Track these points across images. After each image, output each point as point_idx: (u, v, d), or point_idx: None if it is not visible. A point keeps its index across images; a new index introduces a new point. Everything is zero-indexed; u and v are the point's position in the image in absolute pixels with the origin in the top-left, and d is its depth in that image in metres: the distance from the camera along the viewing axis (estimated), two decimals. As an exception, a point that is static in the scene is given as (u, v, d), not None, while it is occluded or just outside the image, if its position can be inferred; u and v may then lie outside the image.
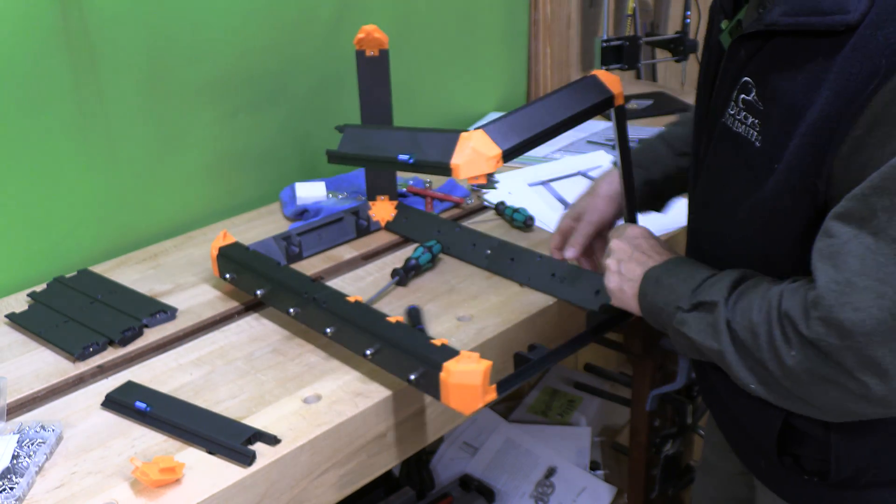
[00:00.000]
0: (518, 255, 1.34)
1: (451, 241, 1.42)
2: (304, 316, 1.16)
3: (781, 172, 0.85)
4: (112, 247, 1.47)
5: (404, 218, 1.52)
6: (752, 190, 0.89)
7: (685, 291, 0.96)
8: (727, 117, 0.93)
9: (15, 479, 0.91)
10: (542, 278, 1.30)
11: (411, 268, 1.31)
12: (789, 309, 0.83)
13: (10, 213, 1.34)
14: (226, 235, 1.32)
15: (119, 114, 1.42)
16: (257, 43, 1.58)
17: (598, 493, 1.81)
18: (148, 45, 1.43)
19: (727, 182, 0.95)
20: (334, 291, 1.16)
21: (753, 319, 0.87)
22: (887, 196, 0.76)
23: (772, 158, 0.86)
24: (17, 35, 1.27)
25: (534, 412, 2.06)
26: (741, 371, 0.89)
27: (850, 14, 0.78)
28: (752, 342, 0.87)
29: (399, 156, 1.00)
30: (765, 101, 0.87)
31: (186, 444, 0.98)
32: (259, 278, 1.23)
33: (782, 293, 0.85)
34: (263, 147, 1.66)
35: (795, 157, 0.83)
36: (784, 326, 0.84)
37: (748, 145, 0.89)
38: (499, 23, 2.07)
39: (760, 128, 0.87)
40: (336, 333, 1.11)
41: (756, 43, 0.88)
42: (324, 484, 1.02)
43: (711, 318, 0.92)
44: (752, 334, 0.87)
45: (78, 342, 1.16)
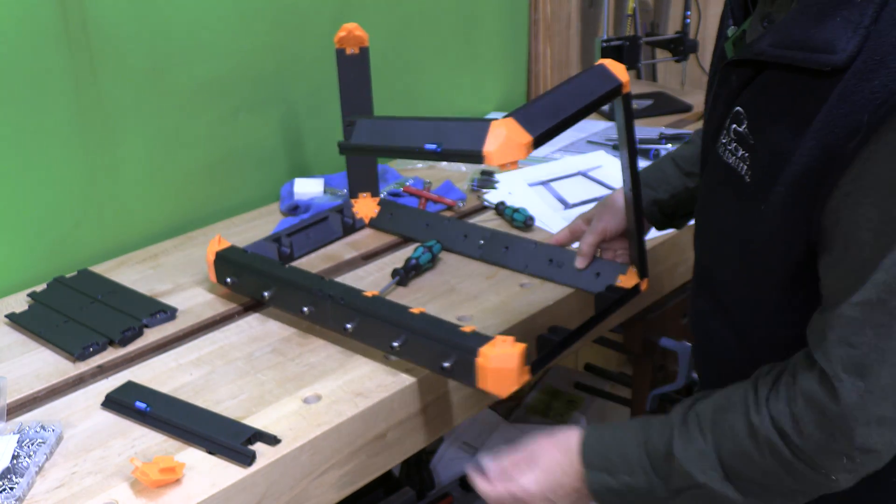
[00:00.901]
0: (512, 243, 1.35)
1: (441, 233, 1.42)
2: (319, 314, 1.15)
3: (767, 216, 0.82)
4: (112, 247, 1.47)
5: (389, 214, 1.51)
6: (740, 226, 0.87)
7: (647, 484, 0.90)
8: (720, 146, 0.90)
9: (15, 479, 0.91)
10: (539, 264, 1.32)
11: (411, 268, 1.31)
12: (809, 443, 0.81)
13: (9, 213, 1.34)
14: (220, 240, 1.30)
15: (119, 114, 1.42)
16: (257, 43, 1.58)
17: (598, 493, 1.81)
18: (148, 45, 1.43)
19: (719, 212, 0.92)
20: (349, 287, 1.15)
21: (762, 464, 0.84)
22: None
23: (758, 199, 0.83)
24: (17, 35, 1.27)
25: (534, 412, 2.05)
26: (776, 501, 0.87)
27: (838, 55, 0.74)
28: (773, 481, 0.85)
29: (426, 145, 0.99)
30: (755, 136, 0.83)
31: (186, 444, 0.98)
32: (264, 279, 1.21)
33: (780, 429, 0.82)
34: (263, 147, 1.66)
35: (781, 203, 0.80)
36: (810, 459, 0.82)
37: (738, 178, 0.86)
38: (499, 23, 2.07)
39: (750, 162, 0.84)
40: (357, 329, 1.11)
41: (747, 71, 0.85)
42: (324, 484, 1.02)
43: (703, 492, 0.87)
44: (770, 475, 0.84)
45: (78, 342, 1.16)
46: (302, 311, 1.16)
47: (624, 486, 0.91)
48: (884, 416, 0.78)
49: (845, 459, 0.80)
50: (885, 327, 0.76)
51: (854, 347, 0.77)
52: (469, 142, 0.96)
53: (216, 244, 1.29)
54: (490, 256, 1.37)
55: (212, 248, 1.29)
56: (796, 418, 0.81)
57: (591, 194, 1.64)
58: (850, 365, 0.78)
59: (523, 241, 1.35)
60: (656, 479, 0.89)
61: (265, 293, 1.21)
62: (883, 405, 0.77)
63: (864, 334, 0.77)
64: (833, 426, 0.79)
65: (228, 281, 1.26)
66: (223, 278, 1.28)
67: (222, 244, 1.29)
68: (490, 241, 1.38)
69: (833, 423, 0.79)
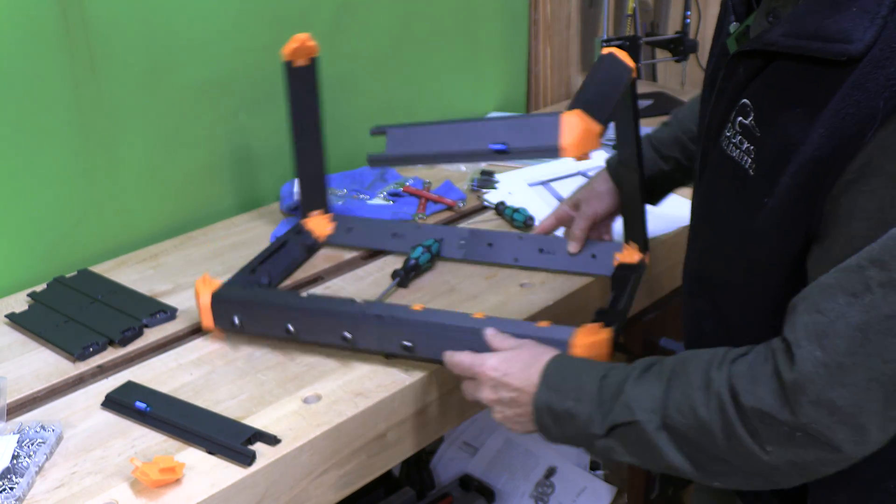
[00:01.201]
0: (495, 238, 1.35)
1: (416, 239, 1.38)
2: (363, 337, 1.10)
3: (771, 209, 0.81)
4: (112, 247, 1.47)
5: (346, 229, 1.44)
6: (742, 221, 0.86)
7: (588, 414, 0.87)
8: (724, 139, 0.89)
9: (15, 479, 0.91)
10: (530, 255, 1.32)
11: (411, 268, 1.30)
12: (758, 403, 0.78)
13: (9, 212, 1.34)
14: (208, 279, 1.18)
15: (119, 114, 1.42)
16: (257, 43, 1.58)
17: (598, 493, 1.81)
18: (148, 44, 1.43)
19: (720, 207, 0.92)
20: (389, 304, 1.11)
21: (701, 416, 0.81)
22: (884, 270, 0.72)
23: (763, 192, 0.82)
24: (17, 35, 1.27)
25: (534, 412, 2.05)
26: (695, 473, 0.84)
27: (854, 44, 0.73)
28: (706, 440, 0.81)
29: (491, 145, 0.98)
30: (762, 128, 0.82)
31: (186, 444, 0.98)
32: (287, 312, 1.12)
33: (732, 384, 0.80)
34: (263, 147, 1.66)
35: (786, 195, 0.79)
36: (751, 422, 0.78)
37: (742, 172, 0.85)
38: (499, 23, 2.07)
39: (755, 155, 0.83)
40: (416, 345, 1.07)
41: (756, 63, 0.84)
42: (324, 484, 1.02)
43: (638, 435, 0.85)
44: (704, 432, 0.81)
45: (78, 342, 1.16)
46: (343, 336, 1.10)
47: (564, 412, 0.89)
48: (834, 403, 0.74)
49: (787, 430, 0.77)
50: (857, 297, 0.73)
51: (821, 314, 0.75)
52: (541, 137, 0.96)
53: (204, 285, 1.17)
54: (474, 255, 1.35)
55: (201, 290, 1.16)
56: (755, 377, 0.78)
57: (591, 194, 1.63)
58: (812, 332, 0.75)
59: (507, 234, 1.34)
60: (598, 412, 0.87)
61: (289, 326, 1.12)
62: (837, 390, 0.74)
63: (835, 300, 0.74)
64: (784, 394, 0.76)
65: (236, 321, 1.15)
66: (226, 320, 1.16)
67: (212, 284, 1.17)
68: (471, 240, 1.37)
69: (784, 390, 0.76)
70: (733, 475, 0.82)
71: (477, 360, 0.98)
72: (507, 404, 0.95)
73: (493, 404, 0.97)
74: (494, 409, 0.97)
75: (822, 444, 0.76)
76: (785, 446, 0.78)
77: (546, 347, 0.98)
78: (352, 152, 1.78)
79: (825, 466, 0.79)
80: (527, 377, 0.93)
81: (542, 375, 0.92)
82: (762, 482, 0.83)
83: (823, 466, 0.79)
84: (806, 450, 0.77)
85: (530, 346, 0.99)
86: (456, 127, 1.02)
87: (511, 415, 0.96)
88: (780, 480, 0.81)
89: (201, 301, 1.16)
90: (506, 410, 0.96)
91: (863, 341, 0.73)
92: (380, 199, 1.63)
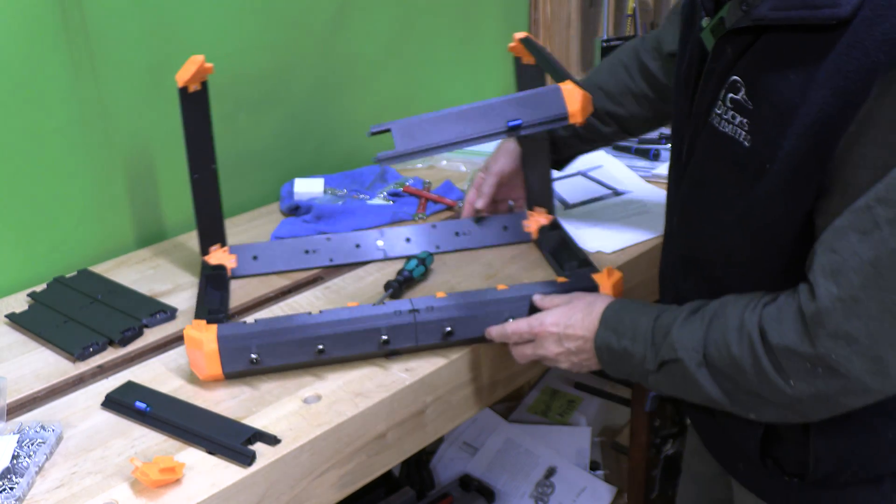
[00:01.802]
0: (412, 233, 1.40)
1: (331, 253, 1.37)
2: (401, 337, 1.09)
3: (776, 173, 0.84)
4: (112, 247, 1.47)
5: (251, 257, 1.36)
6: (742, 192, 0.88)
7: (643, 353, 0.96)
8: (714, 117, 0.91)
9: (15, 479, 0.91)
10: (448, 239, 1.40)
11: (405, 280, 1.29)
12: (782, 340, 0.84)
13: (10, 213, 1.34)
14: (200, 324, 1.07)
15: (118, 114, 1.42)
16: (257, 42, 1.58)
17: (598, 493, 1.81)
18: (148, 44, 1.43)
19: (714, 184, 0.93)
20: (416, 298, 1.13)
21: (734, 353, 0.88)
22: (891, 207, 0.76)
23: (763, 159, 0.85)
24: (17, 35, 1.27)
25: (534, 412, 2.06)
26: (732, 406, 0.91)
27: (842, 7, 0.77)
28: (738, 375, 0.88)
29: (509, 122, 1.04)
30: (754, 100, 0.86)
31: (186, 444, 0.98)
32: (316, 331, 1.07)
33: (762, 324, 0.86)
34: (263, 147, 1.66)
35: (793, 156, 0.82)
36: (776, 358, 0.85)
37: (736, 146, 0.88)
38: (499, 23, 2.07)
39: (750, 127, 0.86)
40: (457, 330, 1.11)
41: (744, 39, 0.87)
42: (324, 484, 1.02)
43: (681, 372, 0.93)
44: (736, 368, 0.88)
45: (78, 342, 1.16)
46: (381, 342, 1.08)
47: (622, 350, 0.98)
48: (850, 334, 0.80)
49: (809, 365, 0.83)
50: (867, 234, 0.78)
51: (835, 252, 0.80)
52: (548, 109, 1.05)
53: (197, 331, 1.06)
54: (395, 252, 1.39)
55: (200, 337, 1.05)
56: (782, 317, 0.85)
57: (591, 194, 1.64)
58: (828, 270, 0.81)
59: (421, 227, 1.40)
60: (651, 350, 0.95)
61: (320, 346, 1.07)
62: (853, 322, 0.79)
63: (847, 239, 0.79)
64: (804, 326, 0.82)
65: (253, 357, 1.05)
66: (239, 362, 1.06)
67: (208, 328, 1.06)
68: (388, 239, 1.39)
69: (805, 323, 0.82)
70: (764, 408, 0.89)
71: (535, 322, 1.06)
72: (574, 353, 1.04)
73: (559, 356, 1.05)
74: (560, 359, 1.06)
75: (842, 375, 0.81)
76: (806, 380, 0.84)
77: (595, 295, 1.08)
78: (352, 152, 1.78)
79: (847, 398, 0.84)
80: (589, 324, 1.02)
81: (601, 318, 1.01)
82: (792, 415, 0.89)
83: (845, 398, 0.84)
84: (826, 382, 0.83)
85: (580, 296, 1.08)
86: (460, 112, 1.05)
87: (577, 361, 1.05)
88: (808, 413, 0.88)
89: (206, 349, 1.04)
90: (573, 358, 1.05)
91: (875, 276, 0.78)
92: (380, 199, 1.63)
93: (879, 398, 0.84)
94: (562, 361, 1.06)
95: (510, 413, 2.05)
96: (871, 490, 0.95)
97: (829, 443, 0.93)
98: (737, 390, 0.89)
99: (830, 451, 0.93)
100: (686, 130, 1.00)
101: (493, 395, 1.22)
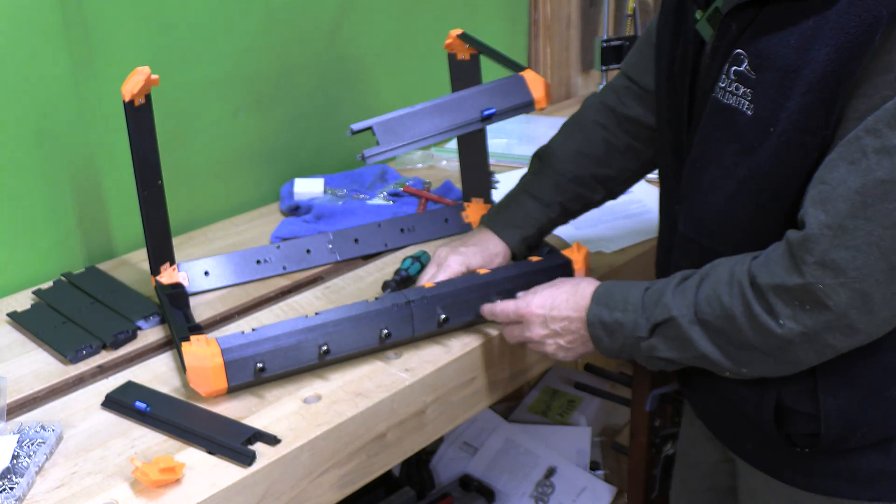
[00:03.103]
0: (360, 234, 1.42)
1: (283, 261, 1.37)
2: (400, 328, 1.10)
3: (779, 134, 0.87)
4: (113, 247, 1.47)
5: (204, 272, 1.33)
6: (745, 159, 0.91)
7: (634, 320, 0.98)
8: (717, 91, 0.94)
9: (15, 479, 0.91)
10: (395, 237, 1.44)
11: (402, 280, 1.30)
12: (771, 279, 0.86)
13: (13, 212, 1.34)
14: (202, 339, 1.04)
15: (119, 114, 1.42)
16: (258, 42, 1.58)
17: (598, 493, 1.81)
18: (148, 44, 1.43)
19: (717, 156, 0.95)
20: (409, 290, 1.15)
21: (725, 303, 0.90)
22: (878, 137, 0.79)
23: (766, 123, 0.88)
24: (17, 35, 1.27)
25: (534, 412, 2.05)
26: (725, 362, 0.93)
27: None
28: (730, 326, 0.90)
29: (484, 111, 1.10)
30: (758, 70, 0.89)
31: (186, 444, 0.98)
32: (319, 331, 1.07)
33: (751, 271, 0.89)
34: (263, 147, 1.66)
35: (798, 115, 0.85)
36: (766, 299, 0.87)
37: (739, 115, 0.91)
38: (499, 23, 2.07)
39: (752, 96, 0.89)
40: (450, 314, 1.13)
41: (748, 13, 0.90)
42: (324, 484, 1.02)
43: (675, 331, 0.94)
44: (728, 318, 0.90)
45: (72, 344, 1.16)
46: (381, 336, 1.09)
47: (613, 321, 1.00)
48: (837, 264, 0.82)
49: (797, 303, 0.85)
50: (854, 164, 0.81)
51: (825, 183, 0.83)
52: (515, 96, 1.13)
53: (198, 347, 1.03)
54: (346, 254, 1.40)
55: (197, 354, 1.02)
56: (769, 259, 0.87)
57: (591, 194, 1.63)
58: (817, 199, 0.83)
59: (368, 226, 1.43)
60: (642, 316, 0.97)
61: (324, 346, 1.07)
62: (840, 251, 0.81)
63: (837, 170, 0.82)
64: (791, 259, 0.84)
65: (259, 366, 1.03)
66: (244, 373, 1.04)
67: (208, 344, 1.03)
68: (337, 241, 1.40)
69: (792, 254, 0.84)
70: (759, 362, 0.91)
71: (521, 303, 1.08)
72: (559, 334, 1.05)
73: (544, 339, 1.07)
74: (546, 342, 1.07)
75: (829, 309, 0.83)
76: (795, 317, 0.86)
77: (578, 278, 1.09)
78: (352, 152, 1.77)
79: (834, 337, 0.85)
80: (574, 303, 1.04)
81: (592, 296, 1.03)
82: (784, 364, 0.90)
83: (833, 337, 0.85)
84: (813, 318, 0.85)
85: (563, 280, 1.09)
86: (435, 106, 1.11)
87: (564, 343, 1.06)
88: (799, 357, 0.89)
89: (211, 364, 1.02)
90: (559, 340, 1.06)
91: (862, 204, 0.80)
92: (380, 199, 1.63)
93: (864, 340, 0.86)
94: (548, 345, 1.07)
95: (510, 413, 2.05)
96: (880, 453, 0.97)
97: (838, 403, 0.95)
98: (729, 344, 0.92)
99: (840, 412, 0.95)
100: (682, 119, 1.02)
101: (493, 395, 1.22)
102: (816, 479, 1.01)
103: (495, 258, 1.24)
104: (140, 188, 1.18)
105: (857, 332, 0.85)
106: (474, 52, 1.34)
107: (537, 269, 1.20)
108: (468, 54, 1.35)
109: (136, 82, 1.12)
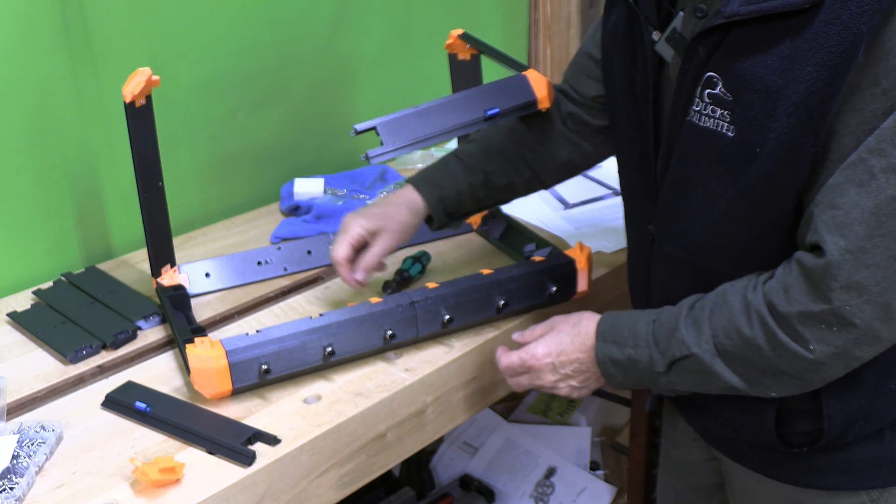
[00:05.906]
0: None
1: (284, 262, 1.36)
2: (405, 329, 1.11)
3: (768, 155, 0.86)
4: (113, 246, 1.47)
5: (203, 275, 1.32)
6: (731, 181, 0.90)
7: (648, 356, 0.96)
8: (692, 115, 0.93)
9: (15, 479, 0.91)
10: None
11: (403, 280, 1.30)
12: (794, 307, 0.86)
13: (13, 212, 1.34)
14: (205, 342, 1.03)
15: (119, 114, 1.42)
16: (257, 42, 1.58)
17: (598, 493, 1.81)
18: (148, 44, 1.43)
19: (701, 178, 0.94)
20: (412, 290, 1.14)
21: (746, 334, 0.89)
22: (883, 157, 0.80)
23: (751, 144, 0.87)
24: (17, 35, 1.27)
25: (534, 412, 2.06)
26: (751, 389, 0.92)
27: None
28: (754, 355, 0.89)
29: (488, 111, 1.10)
30: (733, 91, 0.88)
31: (186, 444, 0.98)
32: (324, 332, 1.06)
33: (768, 299, 0.88)
34: (263, 147, 1.66)
35: (786, 135, 0.84)
36: (791, 326, 0.86)
37: (719, 137, 0.90)
38: (499, 23, 2.07)
39: (731, 118, 0.88)
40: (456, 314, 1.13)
41: (715, 38, 0.89)
42: (324, 484, 1.02)
43: (697, 365, 0.93)
44: (752, 348, 0.89)
45: (72, 344, 1.16)
46: (385, 336, 1.10)
47: (626, 359, 0.98)
48: (861, 284, 0.82)
49: (823, 326, 0.85)
50: (864, 185, 0.81)
51: (837, 208, 0.83)
52: (519, 96, 1.13)
53: (203, 349, 1.02)
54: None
55: (202, 356, 1.01)
56: (786, 286, 0.87)
57: (591, 194, 1.64)
58: (832, 225, 0.83)
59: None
60: (657, 352, 0.95)
61: (329, 348, 1.07)
62: (862, 272, 0.82)
63: (846, 193, 0.82)
64: (815, 285, 0.84)
65: (264, 368, 1.03)
66: (249, 375, 1.03)
67: (213, 344, 1.03)
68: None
69: (815, 281, 0.84)
70: (783, 384, 0.91)
71: (525, 355, 1.06)
72: (571, 376, 1.04)
73: (556, 384, 1.05)
74: (558, 387, 1.06)
75: (855, 326, 0.84)
76: (825, 339, 0.85)
77: (576, 314, 1.06)
78: (352, 152, 1.78)
79: (861, 349, 0.86)
80: (580, 343, 1.03)
81: (596, 333, 1.01)
82: (810, 382, 0.90)
83: (859, 350, 0.86)
84: (842, 337, 0.85)
85: (561, 319, 1.07)
86: (439, 106, 1.11)
87: (577, 383, 1.05)
88: (828, 373, 0.89)
89: (216, 366, 1.01)
90: (571, 382, 1.05)
91: (877, 224, 0.81)
92: (380, 199, 1.62)
93: (887, 346, 0.86)
94: (561, 388, 1.06)
95: (510, 413, 2.05)
96: (873, 443, 0.99)
97: (841, 402, 0.95)
98: (753, 372, 0.91)
99: (841, 410, 0.95)
100: (649, 138, 1.01)
101: (493, 395, 1.22)
102: (813, 474, 1.02)
103: (400, 215, 1.18)
104: (141, 190, 1.18)
105: (882, 341, 0.85)
106: (475, 53, 1.34)
107: (541, 269, 1.19)
108: (469, 54, 1.35)
109: (136, 83, 1.11)
